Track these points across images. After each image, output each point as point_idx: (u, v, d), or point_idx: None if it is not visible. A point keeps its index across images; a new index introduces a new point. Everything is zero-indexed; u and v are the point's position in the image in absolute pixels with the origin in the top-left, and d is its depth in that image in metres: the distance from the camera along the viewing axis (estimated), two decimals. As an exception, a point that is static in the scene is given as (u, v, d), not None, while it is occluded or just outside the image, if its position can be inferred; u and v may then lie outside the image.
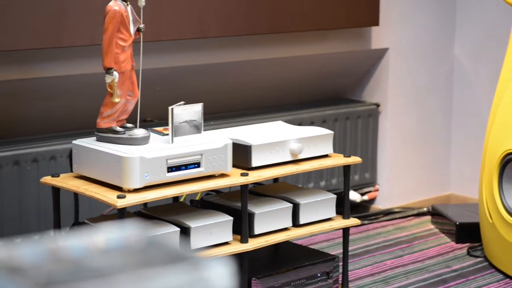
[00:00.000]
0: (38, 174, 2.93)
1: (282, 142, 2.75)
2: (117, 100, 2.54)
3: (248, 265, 2.65)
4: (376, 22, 3.77)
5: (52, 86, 3.06)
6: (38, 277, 0.57)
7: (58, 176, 2.61)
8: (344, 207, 2.87)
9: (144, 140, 2.56)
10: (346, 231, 2.90)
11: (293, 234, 2.76)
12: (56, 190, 2.61)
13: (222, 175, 2.62)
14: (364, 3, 3.70)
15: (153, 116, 3.31)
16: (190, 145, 2.57)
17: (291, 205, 2.77)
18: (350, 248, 3.10)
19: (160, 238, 0.67)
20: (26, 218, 2.95)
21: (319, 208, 2.83)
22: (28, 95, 3.03)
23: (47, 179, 2.60)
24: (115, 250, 0.63)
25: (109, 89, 2.54)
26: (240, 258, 2.63)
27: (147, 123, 3.23)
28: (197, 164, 2.56)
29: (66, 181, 2.57)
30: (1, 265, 0.61)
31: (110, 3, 2.52)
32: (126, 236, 0.66)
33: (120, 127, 2.59)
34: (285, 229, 2.77)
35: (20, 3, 2.80)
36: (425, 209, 4.01)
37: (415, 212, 3.99)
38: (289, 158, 2.76)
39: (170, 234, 2.51)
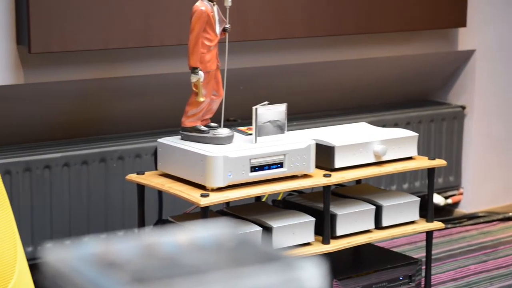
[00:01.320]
0: (123, 172, 2.97)
1: (366, 143, 2.73)
2: (202, 99, 2.57)
3: (329, 267, 2.64)
4: (463, 23, 3.72)
5: (139, 84, 3.11)
6: (132, 272, 0.58)
7: (143, 173, 2.65)
8: (427, 210, 2.84)
9: (228, 140, 2.57)
10: (429, 234, 2.86)
11: (375, 237, 2.74)
12: (141, 188, 2.64)
13: (305, 176, 2.62)
14: (451, 4, 3.65)
15: (236, 116, 3.32)
16: (273, 145, 2.57)
17: (374, 207, 2.75)
18: (433, 252, 3.05)
19: (251, 237, 0.67)
20: (111, 214, 3.00)
21: (402, 210, 2.80)
22: (116, 93, 3.08)
23: (133, 177, 2.64)
24: (207, 248, 0.63)
25: (194, 89, 2.56)
26: (321, 260, 2.62)
27: (230, 123, 3.25)
28: (280, 164, 2.56)
29: (151, 179, 2.61)
30: (97, 260, 0.63)
31: (197, 3, 2.54)
32: (218, 234, 0.67)
33: (205, 126, 2.61)
34: (367, 231, 2.75)
35: (110, 4, 2.86)
36: (511, 214, 3.93)
37: (500, 216, 3.91)
38: (373, 160, 2.74)
39: (252, 234, 2.52)
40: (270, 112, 2.60)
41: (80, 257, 0.62)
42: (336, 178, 2.63)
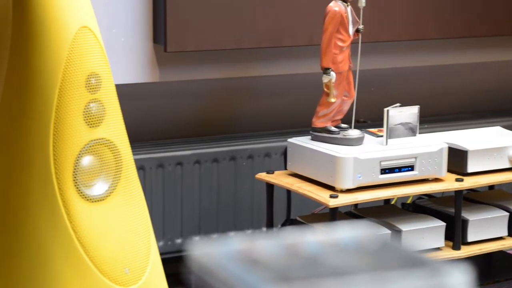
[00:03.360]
0: (252, 170, 3.00)
1: (501, 148, 2.66)
2: (333, 100, 2.56)
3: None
4: None
5: (270, 84, 3.13)
6: (276, 270, 0.58)
7: (273, 173, 2.67)
8: None
9: (358, 141, 2.56)
10: None
11: (508, 244, 2.66)
12: (270, 187, 2.66)
13: (436, 180, 2.58)
14: None
15: (367, 117, 3.30)
16: (404, 147, 2.54)
17: (507, 214, 2.68)
18: None
19: (394, 241, 0.67)
20: (239, 212, 3.04)
21: (537, 218, 2.71)
22: (247, 93, 3.12)
23: (262, 175, 2.67)
24: (349, 250, 0.63)
25: (325, 89, 2.56)
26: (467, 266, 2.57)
27: (360, 124, 3.23)
28: (410, 167, 2.53)
29: (280, 178, 2.62)
30: (242, 256, 0.64)
31: (331, 4, 2.54)
32: (360, 236, 0.66)
33: (335, 127, 2.60)
34: (500, 238, 2.68)
35: (244, 4, 2.89)
36: None
37: None
38: (507, 165, 2.67)
39: (381, 237, 2.50)
40: (402, 114, 2.57)
41: (225, 253, 0.63)
42: (469, 183, 2.57)
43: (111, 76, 2.02)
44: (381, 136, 2.60)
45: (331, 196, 2.42)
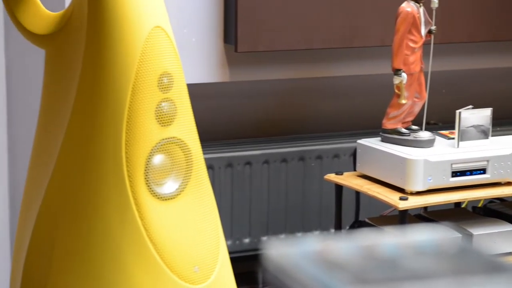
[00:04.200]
0: (321, 171, 2.99)
1: None
2: (404, 101, 2.54)
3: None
4: None
5: (341, 85, 3.12)
6: (354, 272, 0.58)
7: (342, 174, 2.66)
8: None
9: (429, 143, 2.53)
10: None
11: None
12: (339, 188, 2.65)
13: (508, 183, 2.53)
14: None
15: (438, 119, 3.26)
16: (476, 150, 2.50)
17: None
18: None
19: (473, 245, 0.66)
20: (307, 213, 3.03)
21: None
22: (316, 93, 3.11)
23: (331, 177, 2.66)
24: (428, 253, 0.62)
25: (396, 90, 2.54)
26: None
27: (431, 126, 3.19)
28: (482, 170, 2.49)
29: (349, 180, 2.61)
30: (319, 258, 0.63)
31: (403, 4, 2.51)
32: (438, 240, 0.65)
33: (405, 128, 2.58)
34: None
35: (315, 4, 2.88)
36: None
37: None
38: None
39: (451, 240, 2.47)
40: (474, 117, 2.53)
41: (301, 253, 0.63)
42: (543, 187, 2.52)
43: (183, 75, 2.03)
44: (453, 138, 2.56)
45: (401, 198, 2.40)
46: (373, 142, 2.59)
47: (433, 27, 2.53)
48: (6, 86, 2.86)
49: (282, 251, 0.64)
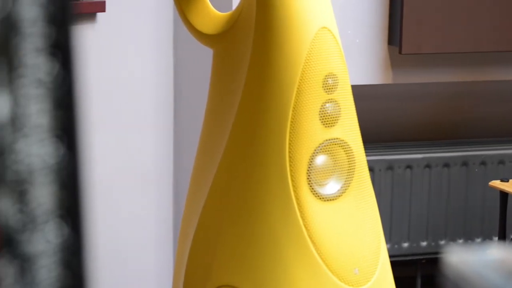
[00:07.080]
0: (485, 177, 2.91)
1: None
2: None
3: None
4: None
5: (507, 89, 3.02)
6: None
7: (507, 181, 2.58)
8: None
9: None
10: None
11: None
12: (504, 195, 2.57)
13: None
14: None
15: None
16: None
17: None
18: None
19: None
20: (469, 219, 2.96)
21: None
22: (481, 97, 3.03)
23: (496, 183, 2.58)
24: None
25: None
26: None
27: None
28: None
29: (515, 187, 2.52)
30: (502, 267, 0.62)
31: None
32: None
33: None
34: None
35: (481, 6, 2.81)
36: None
37: None
38: None
39: None
40: None
41: (483, 261, 0.61)
42: None
43: (348, 77, 2.02)
44: None
45: None
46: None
47: None
48: (174, 87, 2.94)
49: (464, 258, 0.62)
